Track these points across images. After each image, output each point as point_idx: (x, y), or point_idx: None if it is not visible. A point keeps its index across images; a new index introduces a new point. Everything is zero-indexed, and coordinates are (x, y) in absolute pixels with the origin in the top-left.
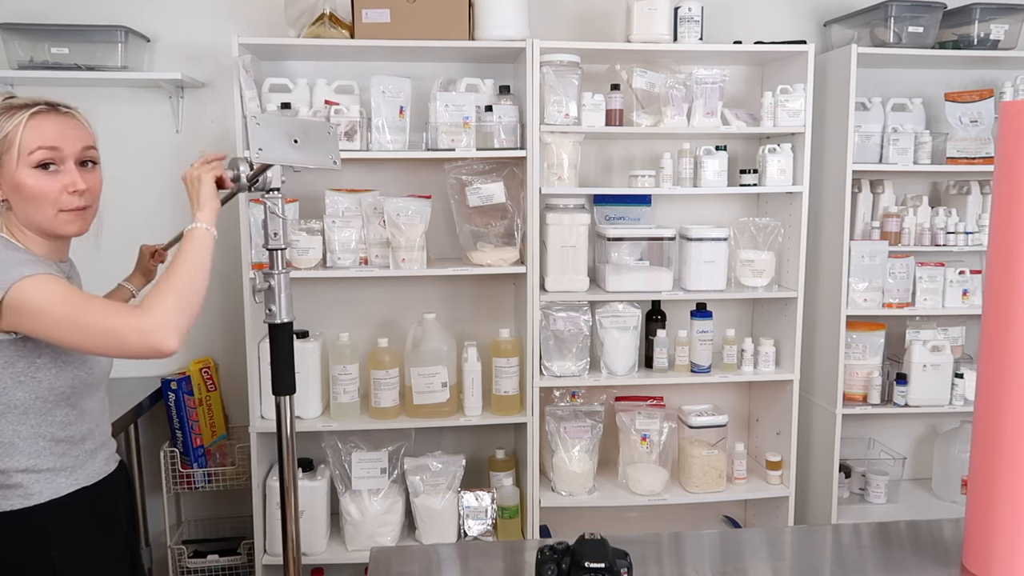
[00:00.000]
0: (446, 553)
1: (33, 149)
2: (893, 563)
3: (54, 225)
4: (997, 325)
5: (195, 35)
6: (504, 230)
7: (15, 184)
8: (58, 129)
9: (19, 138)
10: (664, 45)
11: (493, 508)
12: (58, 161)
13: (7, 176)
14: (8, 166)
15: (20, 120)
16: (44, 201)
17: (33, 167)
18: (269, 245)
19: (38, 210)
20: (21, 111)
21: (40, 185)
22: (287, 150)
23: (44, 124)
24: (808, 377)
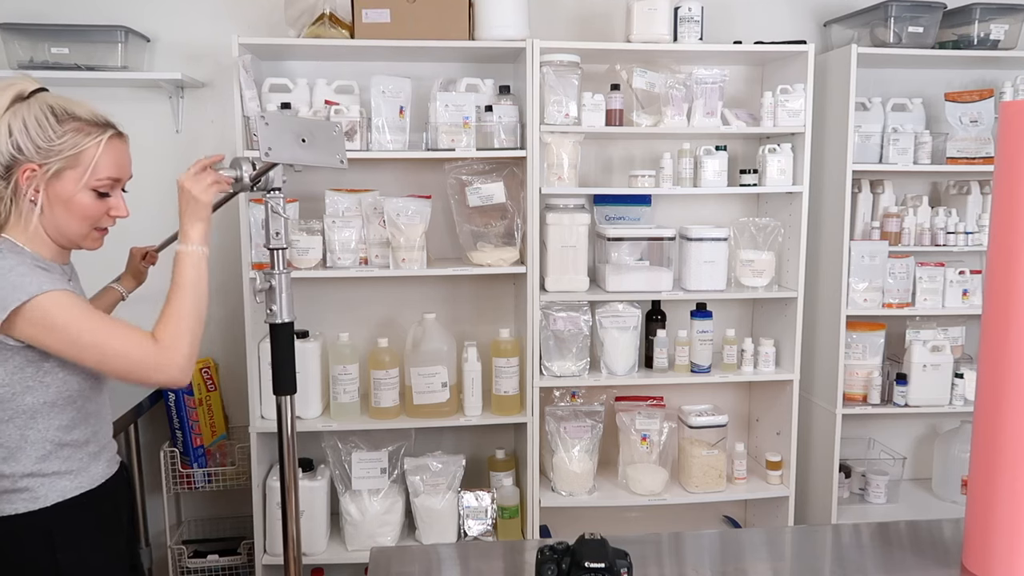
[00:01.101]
0: (446, 553)
1: (103, 177)
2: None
3: (82, 241)
4: (997, 325)
5: (195, 35)
6: (504, 230)
7: (68, 199)
8: (124, 158)
9: (94, 162)
10: (664, 45)
11: (493, 508)
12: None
13: (61, 188)
14: (67, 180)
15: (98, 141)
16: (87, 221)
17: (92, 189)
18: (271, 245)
19: (76, 226)
20: (97, 131)
21: (93, 207)
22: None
23: (117, 151)
24: (808, 377)
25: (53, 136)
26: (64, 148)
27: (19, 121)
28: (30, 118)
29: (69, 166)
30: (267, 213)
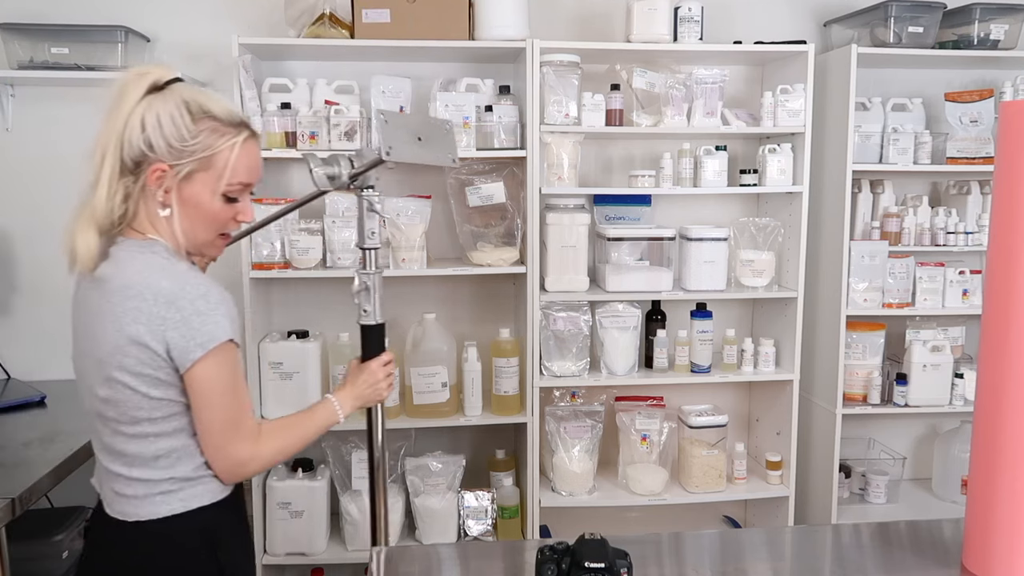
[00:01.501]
0: (446, 553)
1: (235, 183)
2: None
3: (205, 246)
4: (997, 325)
5: (195, 35)
6: (504, 230)
7: (197, 201)
8: (257, 160)
9: (229, 165)
10: (664, 45)
11: (493, 508)
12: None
13: (191, 192)
14: (198, 183)
15: (233, 143)
16: (214, 226)
17: (223, 194)
18: (365, 244)
19: (202, 231)
20: (232, 132)
21: (222, 212)
22: (413, 148)
23: (251, 154)
24: (808, 377)
25: (187, 136)
26: (197, 149)
27: (153, 115)
28: (164, 114)
29: (201, 168)
30: (362, 211)
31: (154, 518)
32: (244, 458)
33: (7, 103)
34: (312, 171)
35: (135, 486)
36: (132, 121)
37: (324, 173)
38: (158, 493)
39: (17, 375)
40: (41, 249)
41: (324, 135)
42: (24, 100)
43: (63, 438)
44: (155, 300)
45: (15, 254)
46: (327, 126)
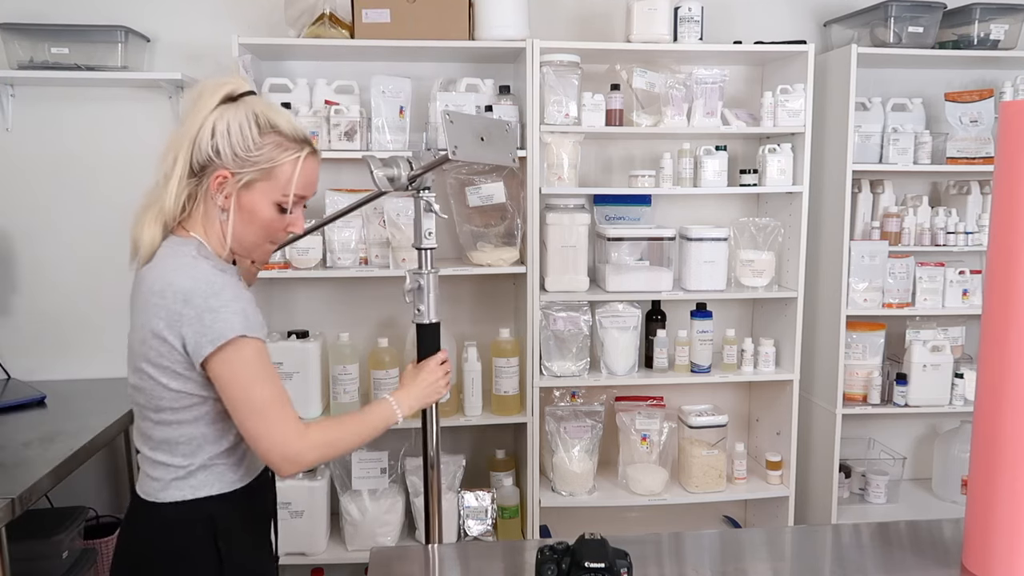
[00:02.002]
0: (446, 553)
1: (289, 194)
2: (893, 563)
3: (254, 253)
4: (997, 325)
5: (195, 35)
6: (504, 230)
7: (253, 208)
8: (315, 176)
9: (292, 180)
10: (664, 45)
11: (493, 508)
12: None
13: (249, 200)
14: (257, 192)
15: (296, 158)
16: (265, 233)
17: (276, 204)
18: (422, 245)
19: (253, 237)
20: (295, 147)
21: (275, 222)
22: (476, 147)
23: (311, 170)
24: (808, 377)
25: (252, 147)
26: (261, 160)
27: (224, 124)
28: (234, 123)
29: (262, 179)
30: (419, 212)
31: (167, 501)
32: (289, 451)
33: (7, 103)
34: (373, 173)
35: (158, 469)
36: (205, 127)
37: (384, 175)
38: (174, 479)
39: (17, 375)
40: (41, 249)
41: (324, 135)
42: (24, 100)
43: (63, 438)
44: (174, 297)
45: (15, 254)
46: (327, 126)
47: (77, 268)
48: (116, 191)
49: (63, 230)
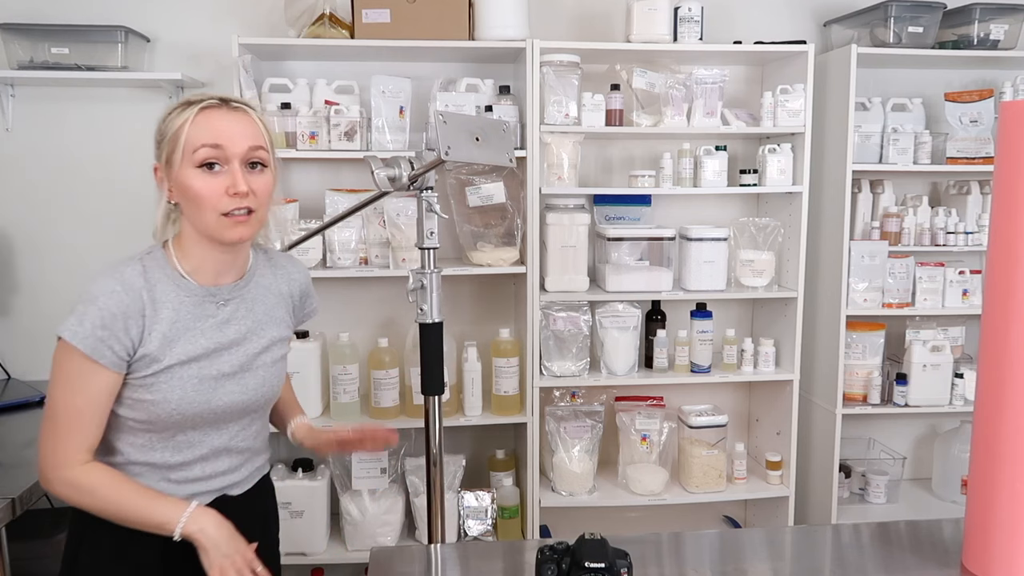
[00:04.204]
0: (446, 553)
1: (197, 147)
2: (893, 563)
3: (216, 230)
4: (997, 325)
5: (195, 35)
6: (504, 230)
7: (181, 185)
8: (225, 126)
9: (184, 134)
10: (664, 45)
11: (493, 508)
12: (222, 161)
13: (175, 176)
14: (176, 164)
15: (188, 116)
16: (206, 204)
17: (197, 166)
18: (424, 244)
19: (202, 214)
20: (191, 107)
21: (204, 186)
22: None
23: (212, 120)
24: (808, 377)
25: (162, 126)
26: (167, 132)
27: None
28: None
29: (173, 150)
30: (421, 212)
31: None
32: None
33: (7, 103)
34: (374, 173)
35: None
36: None
37: (385, 175)
38: None
39: (17, 375)
40: (41, 249)
41: (324, 135)
42: (24, 100)
43: None
44: None
45: (15, 254)
46: (327, 126)
47: (77, 268)
48: (116, 191)
49: (63, 230)
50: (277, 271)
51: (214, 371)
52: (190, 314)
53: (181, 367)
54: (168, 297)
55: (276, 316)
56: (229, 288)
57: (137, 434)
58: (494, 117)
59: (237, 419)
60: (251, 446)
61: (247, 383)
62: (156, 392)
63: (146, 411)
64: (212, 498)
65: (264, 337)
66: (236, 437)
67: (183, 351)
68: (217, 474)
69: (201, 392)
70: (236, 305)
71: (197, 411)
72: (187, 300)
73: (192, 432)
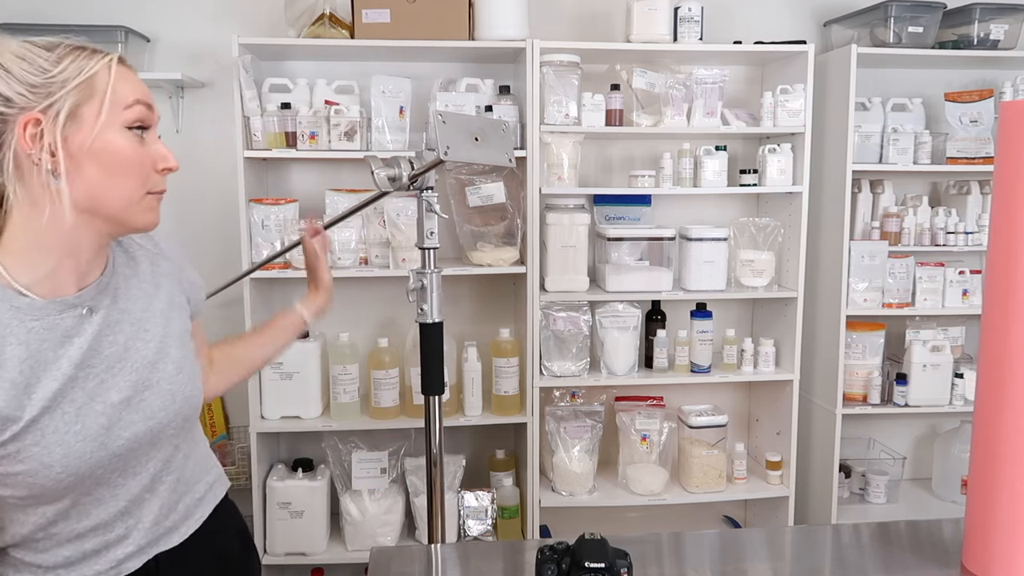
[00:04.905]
0: (446, 553)
1: (130, 102)
2: (893, 563)
3: (132, 212)
4: (997, 325)
5: (195, 35)
6: (504, 230)
7: (97, 148)
8: (143, 86)
9: (110, 85)
10: (664, 45)
11: (493, 508)
12: (148, 126)
13: (85, 135)
14: (87, 118)
15: (109, 60)
16: (134, 175)
17: (128, 127)
18: (424, 244)
19: (120, 187)
20: (99, 53)
21: (135, 153)
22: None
23: (132, 75)
24: (808, 377)
25: (47, 65)
26: (69, 75)
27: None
28: (4, 59)
29: (85, 99)
30: (421, 212)
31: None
32: None
33: None
34: (374, 173)
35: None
36: None
37: (385, 175)
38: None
39: None
40: None
41: (324, 135)
42: None
43: None
44: None
45: None
46: (327, 126)
47: None
48: None
49: None
50: (138, 251)
51: (100, 405)
52: (46, 342)
53: (52, 416)
54: (9, 328)
55: (158, 307)
56: (92, 290)
57: (24, 511)
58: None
59: (151, 452)
60: (183, 475)
61: (150, 405)
62: (28, 460)
63: (23, 485)
64: (142, 562)
65: (152, 340)
66: (160, 473)
67: (47, 394)
68: (144, 527)
69: (91, 438)
70: (106, 310)
71: (93, 462)
72: (37, 325)
73: (98, 489)
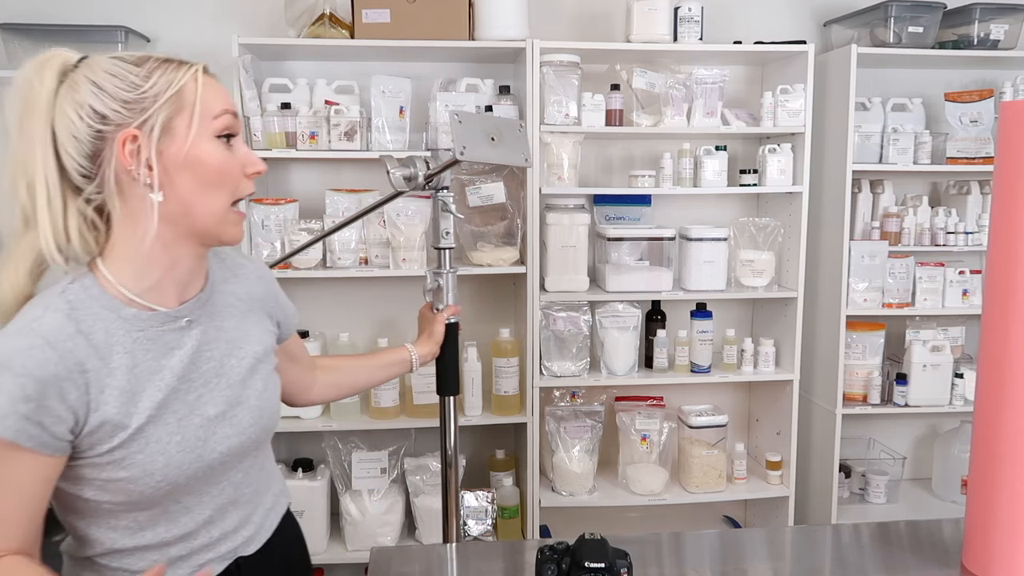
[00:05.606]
0: (446, 553)
1: (218, 112)
2: (893, 563)
3: (221, 224)
4: (997, 325)
5: (195, 35)
6: (504, 230)
7: (190, 159)
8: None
9: (199, 96)
10: (664, 45)
11: (493, 508)
12: (235, 133)
13: (178, 146)
14: (180, 130)
15: (193, 73)
16: (226, 183)
17: (217, 136)
18: (440, 244)
19: (212, 199)
20: (184, 65)
21: (227, 162)
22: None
23: (217, 84)
24: (808, 377)
25: (138, 81)
26: (160, 89)
27: (84, 89)
28: (98, 77)
29: (176, 111)
30: (436, 212)
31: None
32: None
33: None
34: (389, 173)
35: None
36: (59, 112)
37: (400, 175)
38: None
39: None
40: None
41: (324, 135)
42: None
43: None
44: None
45: None
46: (327, 126)
47: None
48: None
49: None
50: (238, 272)
51: (198, 418)
52: (150, 352)
53: (156, 425)
54: (116, 338)
55: (250, 328)
56: (191, 305)
57: (117, 516)
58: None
59: (237, 464)
60: (259, 488)
61: (241, 421)
62: (132, 467)
63: (123, 492)
64: (224, 566)
65: (245, 358)
66: (241, 485)
67: (151, 403)
68: (226, 535)
69: (189, 449)
70: (204, 326)
71: (189, 473)
72: (141, 335)
73: (187, 497)
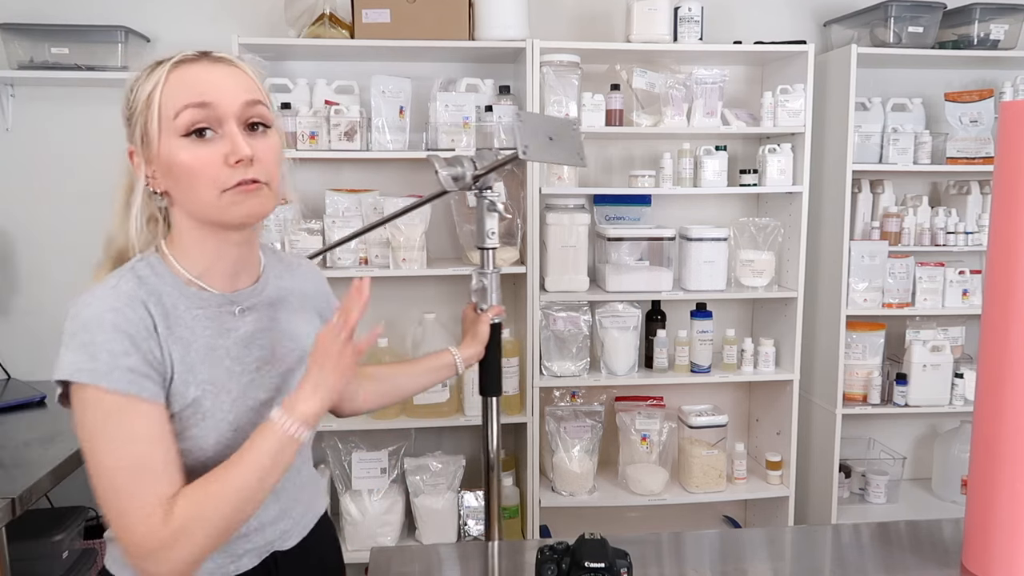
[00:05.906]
0: (446, 553)
1: (177, 109)
2: (893, 563)
3: (220, 212)
4: (997, 325)
5: (195, 35)
6: (504, 230)
7: (165, 164)
8: (212, 79)
9: (158, 99)
10: (664, 45)
11: None
12: (214, 124)
13: (154, 152)
14: (154, 137)
15: (160, 76)
16: (201, 181)
17: (182, 135)
18: (485, 244)
19: (197, 194)
20: (161, 66)
21: (195, 158)
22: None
23: (189, 75)
24: (808, 377)
25: (130, 94)
26: (137, 103)
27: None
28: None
29: (148, 120)
30: (482, 211)
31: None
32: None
33: (7, 103)
34: (438, 172)
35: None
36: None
37: (449, 174)
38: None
39: (17, 375)
40: (41, 249)
41: (324, 135)
42: (24, 100)
43: (63, 438)
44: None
45: (15, 254)
46: (327, 126)
47: (77, 268)
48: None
49: (63, 230)
50: (294, 270)
51: (249, 401)
52: (209, 330)
53: (211, 400)
54: (178, 310)
55: (301, 323)
56: (247, 293)
57: None
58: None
59: None
60: (298, 483)
61: None
62: (186, 439)
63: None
64: (259, 559)
65: (293, 350)
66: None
67: (209, 378)
68: (263, 526)
69: (240, 430)
70: (257, 314)
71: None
72: (200, 313)
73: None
